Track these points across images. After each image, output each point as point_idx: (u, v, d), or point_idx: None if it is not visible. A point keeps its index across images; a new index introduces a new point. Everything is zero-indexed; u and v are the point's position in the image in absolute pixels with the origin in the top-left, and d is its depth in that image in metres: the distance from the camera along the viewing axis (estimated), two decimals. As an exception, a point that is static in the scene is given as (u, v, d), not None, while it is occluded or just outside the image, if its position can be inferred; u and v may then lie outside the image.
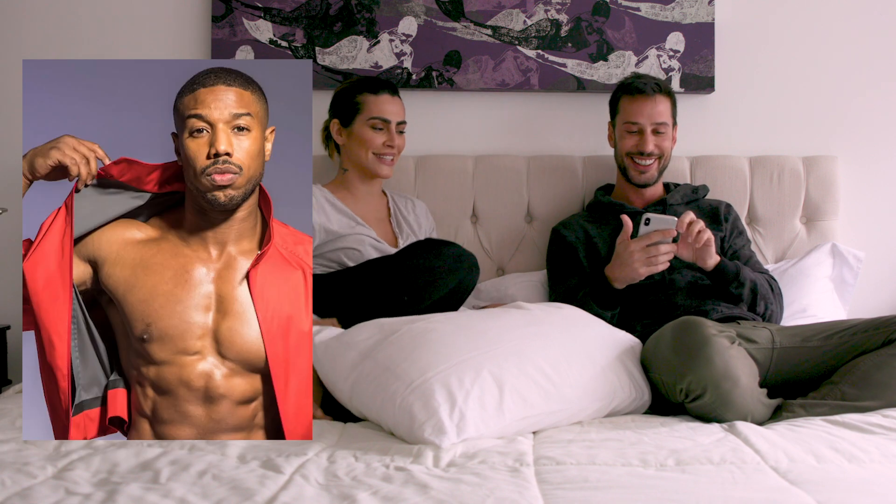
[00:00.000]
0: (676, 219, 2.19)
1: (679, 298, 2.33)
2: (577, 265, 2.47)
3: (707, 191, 2.62)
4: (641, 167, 2.49)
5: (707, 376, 1.81)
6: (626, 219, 2.24)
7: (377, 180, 2.51)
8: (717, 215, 2.52)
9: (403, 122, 2.47)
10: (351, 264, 2.30)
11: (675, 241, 2.22)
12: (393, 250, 2.35)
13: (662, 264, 2.22)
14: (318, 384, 1.96)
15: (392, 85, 2.49)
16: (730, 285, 2.32)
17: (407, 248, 2.20)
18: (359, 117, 2.43)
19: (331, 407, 1.94)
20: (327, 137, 2.57)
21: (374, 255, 2.32)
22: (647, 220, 2.20)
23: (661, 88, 2.49)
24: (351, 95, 2.45)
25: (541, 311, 2.06)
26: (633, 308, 2.34)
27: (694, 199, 2.56)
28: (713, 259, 2.28)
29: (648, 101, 2.48)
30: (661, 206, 2.51)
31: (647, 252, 2.21)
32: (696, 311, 2.28)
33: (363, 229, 2.37)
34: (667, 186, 2.61)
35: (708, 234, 2.23)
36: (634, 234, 2.24)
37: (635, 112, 2.49)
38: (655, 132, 2.48)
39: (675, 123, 2.55)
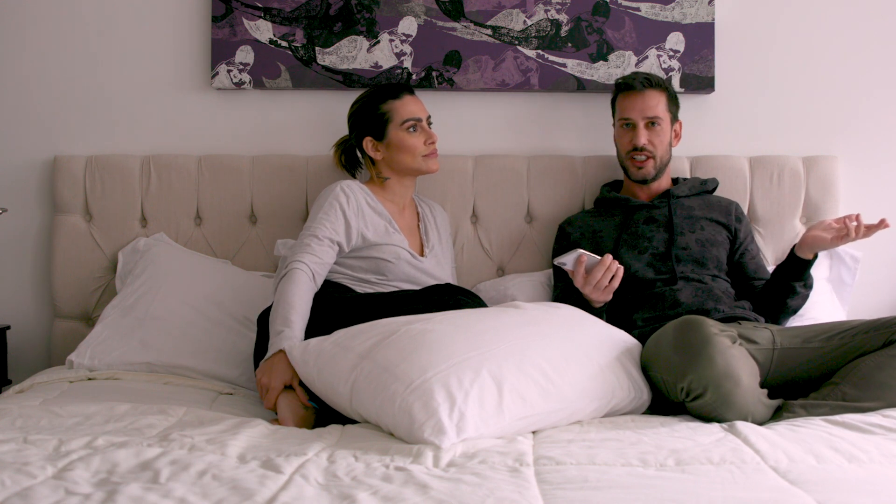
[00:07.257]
0: (579, 250, 2.23)
1: (682, 296, 2.34)
2: None
3: (716, 184, 2.62)
4: (637, 163, 2.50)
5: (708, 375, 1.81)
6: (566, 269, 2.27)
7: (413, 184, 2.52)
8: (728, 213, 2.51)
9: (429, 115, 2.48)
10: (387, 275, 2.33)
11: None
12: (422, 261, 2.39)
13: (615, 281, 2.24)
14: (313, 404, 1.97)
15: (408, 85, 2.51)
16: (801, 281, 2.38)
17: (430, 289, 2.28)
18: (391, 126, 2.41)
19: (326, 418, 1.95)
20: (345, 153, 2.57)
21: (407, 269, 2.35)
22: (563, 263, 2.26)
23: (652, 83, 2.49)
24: (373, 108, 2.42)
25: (539, 310, 2.06)
26: (635, 298, 2.34)
27: (702, 190, 2.57)
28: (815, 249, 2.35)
29: (639, 96, 2.49)
30: (666, 197, 2.51)
31: (590, 284, 2.24)
32: (699, 310, 2.28)
33: (398, 238, 2.37)
34: (675, 181, 2.61)
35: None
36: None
37: (627, 108, 2.51)
38: (648, 126, 2.48)
39: (675, 119, 2.54)
